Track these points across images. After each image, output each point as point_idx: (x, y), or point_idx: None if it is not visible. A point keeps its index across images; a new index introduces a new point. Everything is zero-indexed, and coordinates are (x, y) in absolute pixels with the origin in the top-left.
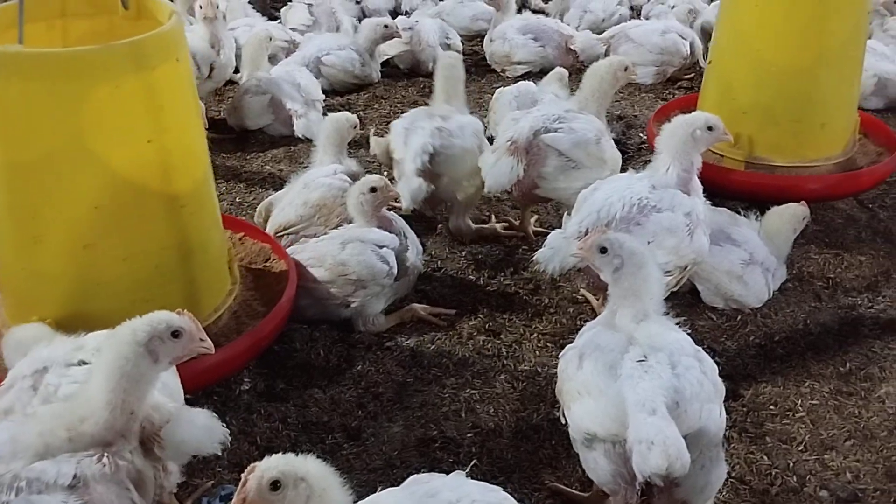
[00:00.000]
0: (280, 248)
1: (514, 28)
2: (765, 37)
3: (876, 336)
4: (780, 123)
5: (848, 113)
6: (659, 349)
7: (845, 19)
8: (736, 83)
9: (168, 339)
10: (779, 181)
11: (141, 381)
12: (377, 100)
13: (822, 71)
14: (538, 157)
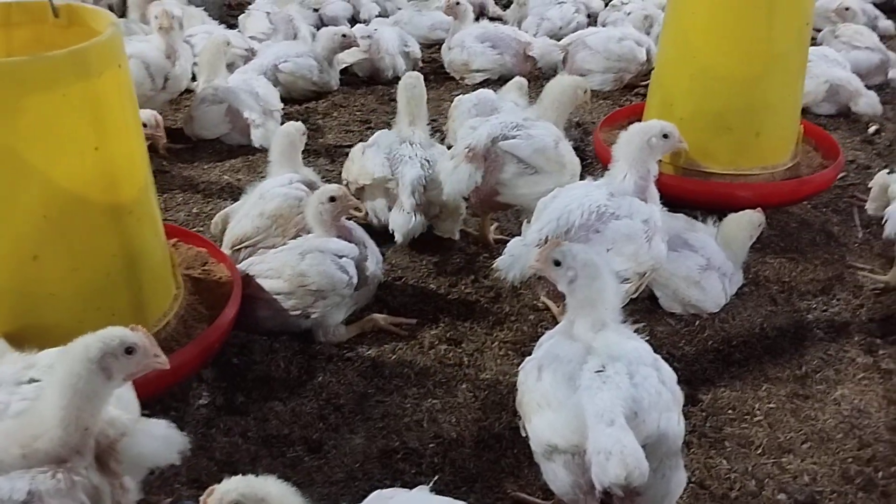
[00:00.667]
0: (217, 250)
1: (473, 36)
2: (706, 45)
3: (831, 339)
4: (715, 131)
5: (786, 123)
6: (617, 359)
7: (786, 30)
8: (675, 90)
9: (121, 356)
10: (711, 188)
11: (94, 397)
12: (336, 108)
13: (758, 81)
14: (496, 163)
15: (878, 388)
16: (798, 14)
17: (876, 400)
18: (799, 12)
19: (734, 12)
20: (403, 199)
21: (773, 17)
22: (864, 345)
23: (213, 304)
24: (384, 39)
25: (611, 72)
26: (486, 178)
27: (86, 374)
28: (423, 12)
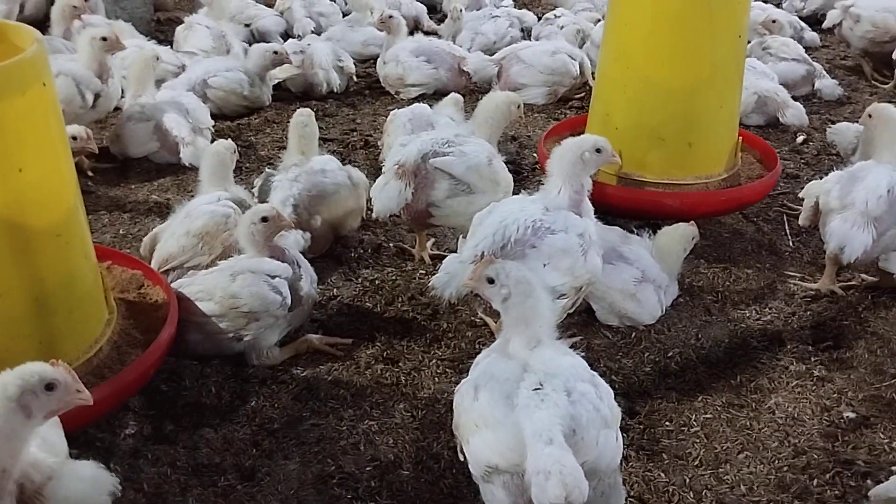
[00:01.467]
0: (153, 272)
1: (407, 50)
2: (644, 57)
3: (764, 348)
4: (650, 142)
5: (721, 134)
6: (554, 376)
7: (721, 43)
8: (614, 101)
9: (41, 393)
10: (641, 196)
11: (13, 437)
12: (269, 124)
13: (693, 93)
14: (427, 180)
15: (810, 395)
16: (733, 27)
17: (809, 407)
18: (734, 25)
19: (671, 25)
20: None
21: (709, 30)
22: (796, 353)
23: (148, 329)
24: (317, 54)
25: (545, 85)
26: (417, 195)
27: (4, 412)
28: (356, 28)
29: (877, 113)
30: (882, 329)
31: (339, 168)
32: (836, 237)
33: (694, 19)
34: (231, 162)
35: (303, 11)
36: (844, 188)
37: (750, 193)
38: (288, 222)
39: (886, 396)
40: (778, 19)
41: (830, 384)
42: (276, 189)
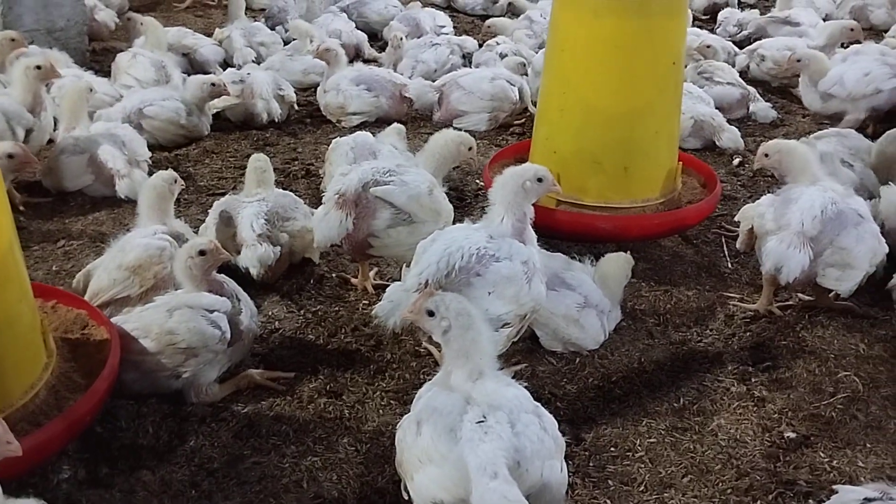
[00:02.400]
0: (98, 312)
1: (348, 79)
2: (582, 82)
3: (706, 370)
4: (588, 166)
5: (658, 159)
6: (498, 408)
7: (656, 69)
8: (555, 126)
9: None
10: (576, 219)
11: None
12: (208, 154)
13: (628, 118)
14: (368, 210)
15: (752, 416)
16: (669, 53)
17: (751, 428)
18: (670, 52)
19: (608, 51)
20: (245, 236)
21: (646, 57)
22: (737, 373)
23: (90, 371)
24: (257, 83)
25: (485, 111)
26: (358, 225)
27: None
28: (296, 57)
29: (771, 151)
30: (819, 348)
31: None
32: (772, 258)
33: (630, 46)
34: (171, 194)
35: (242, 41)
36: (779, 210)
37: (685, 217)
38: (227, 255)
39: (825, 415)
40: (712, 44)
41: (771, 404)
42: (245, 206)
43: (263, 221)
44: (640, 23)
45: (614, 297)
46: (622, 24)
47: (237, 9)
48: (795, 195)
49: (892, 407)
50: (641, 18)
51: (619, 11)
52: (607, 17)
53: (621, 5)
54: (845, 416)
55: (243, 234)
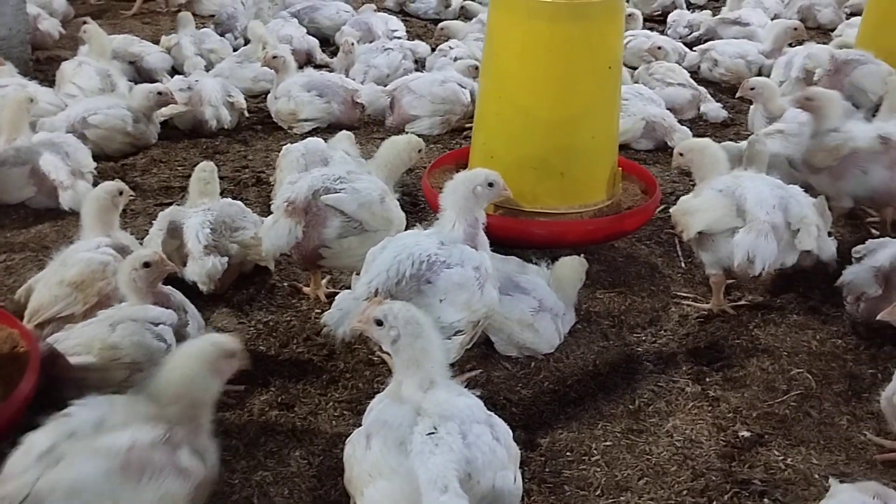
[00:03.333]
0: (27, 332)
1: (298, 85)
2: (518, 88)
3: (661, 370)
4: (526, 172)
5: (595, 164)
6: (449, 418)
7: (592, 74)
8: (493, 132)
9: None
10: (512, 225)
11: None
12: (156, 164)
13: (565, 123)
14: (318, 218)
15: (707, 416)
16: (605, 58)
17: (706, 428)
18: (605, 57)
19: (543, 57)
20: (191, 248)
21: (581, 62)
22: (691, 374)
23: (5, 396)
24: (206, 90)
25: (437, 115)
26: (308, 233)
27: None
28: (245, 64)
29: (685, 150)
30: (772, 346)
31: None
32: (741, 249)
33: (566, 50)
34: (116, 206)
35: (192, 48)
36: (728, 207)
37: (621, 223)
38: (172, 266)
39: (779, 413)
40: (663, 46)
41: (726, 404)
42: (190, 217)
43: (209, 231)
44: (577, 27)
45: (569, 299)
46: (558, 28)
47: (186, 16)
48: (740, 191)
49: (844, 403)
50: (577, 22)
51: (554, 15)
52: (543, 20)
53: (557, 9)
54: (799, 414)
55: (189, 245)
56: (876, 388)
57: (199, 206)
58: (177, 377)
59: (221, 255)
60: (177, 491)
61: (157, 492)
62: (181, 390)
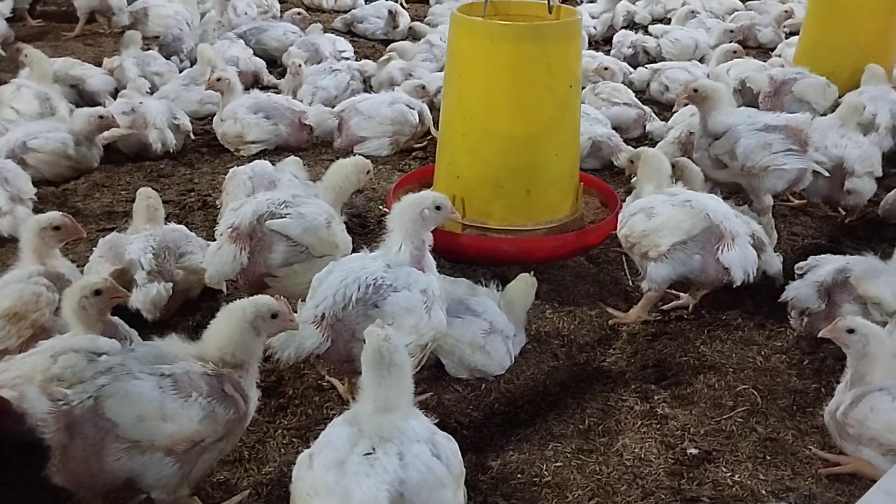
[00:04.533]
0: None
1: (245, 107)
2: (481, 107)
3: (610, 389)
4: (491, 190)
5: (559, 181)
6: (388, 439)
7: (553, 93)
8: (457, 151)
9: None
10: (481, 243)
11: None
12: (98, 188)
13: (528, 142)
14: (264, 243)
15: (655, 434)
16: (566, 77)
17: (655, 447)
18: (566, 75)
19: (506, 76)
20: (136, 276)
21: (543, 81)
22: (640, 392)
23: None
24: (151, 113)
25: (385, 136)
26: (253, 259)
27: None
28: (191, 87)
29: (635, 157)
30: (719, 362)
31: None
32: (737, 265)
33: (527, 71)
34: (47, 240)
35: (135, 70)
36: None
37: (587, 237)
38: (124, 293)
39: (726, 429)
40: (610, 66)
41: (674, 421)
42: (132, 243)
43: (152, 257)
44: (539, 48)
45: (519, 321)
46: (521, 50)
47: (132, 36)
48: (698, 205)
49: (789, 418)
50: (539, 43)
51: (517, 37)
52: (505, 42)
53: (519, 31)
54: (745, 430)
55: (132, 272)
56: (820, 402)
57: (143, 232)
58: (220, 333)
59: (166, 281)
60: (219, 414)
61: (202, 411)
62: (223, 345)
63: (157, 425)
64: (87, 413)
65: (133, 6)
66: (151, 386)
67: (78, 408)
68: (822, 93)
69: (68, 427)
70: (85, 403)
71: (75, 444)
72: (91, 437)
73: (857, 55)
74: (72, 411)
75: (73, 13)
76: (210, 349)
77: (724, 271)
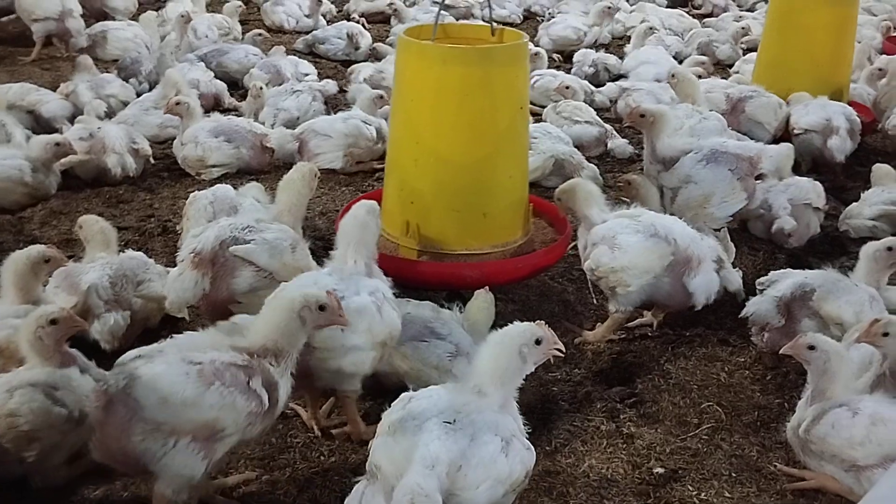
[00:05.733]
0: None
1: (206, 130)
2: (429, 130)
3: (576, 409)
4: (445, 213)
5: (512, 202)
6: (472, 420)
7: (503, 115)
8: (406, 172)
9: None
10: (441, 269)
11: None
12: (56, 215)
13: (481, 164)
14: (227, 269)
15: (622, 453)
16: (515, 99)
17: (622, 466)
18: (515, 97)
19: (454, 99)
20: (91, 305)
21: (491, 104)
22: (606, 411)
23: None
24: (109, 137)
25: (339, 149)
26: (216, 284)
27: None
28: (151, 111)
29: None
30: (683, 380)
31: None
32: (700, 293)
33: (475, 94)
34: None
35: (89, 94)
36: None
37: (547, 257)
38: (82, 323)
39: (692, 447)
40: (571, 85)
41: (640, 440)
42: (88, 272)
43: (108, 286)
44: (486, 71)
45: (483, 340)
46: (468, 73)
47: (84, 61)
48: (663, 231)
49: (753, 434)
50: (486, 66)
51: (463, 60)
52: (453, 65)
53: (465, 54)
54: (710, 447)
55: (89, 302)
56: (783, 417)
57: (98, 260)
58: (266, 321)
59: (124, 310)
60: (239, 406)
61: (222, 400)
62: (269, 332)
63: (179, 409)
64: (120, 393)
65: (91, 29)
66: (178, 372)
67: (113, 388)
68: (773, 113)
69: (106, 406)
70: (119, 384)
71: (109, 422)
72: (122, 417)
73: (814, 72)
74: (108, 391)
75: (29, 37)
76: (255, 336)
77: (689, 296)
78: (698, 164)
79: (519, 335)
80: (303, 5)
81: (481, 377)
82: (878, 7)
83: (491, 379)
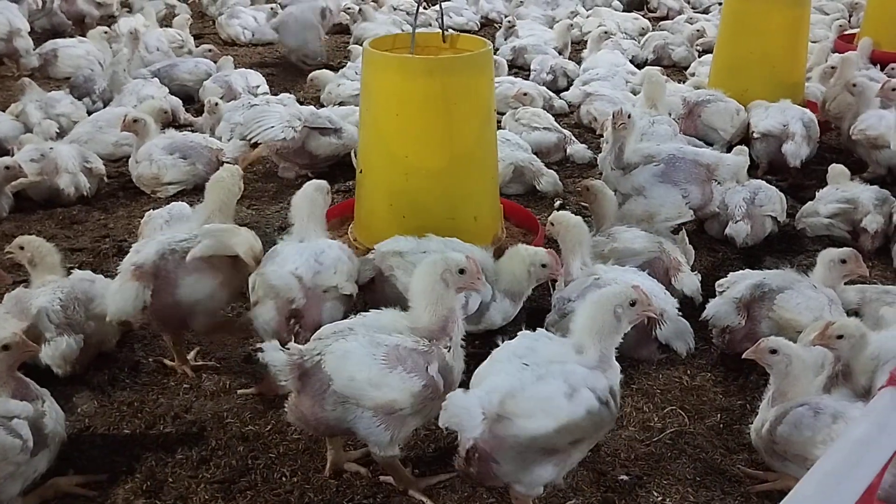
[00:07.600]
0: None
1: (160, 148)
2: (397, 138)
3: None
4: (415, 219)
5: (482, 208)
6: (547, 366)
7: (472, 123)
8: (376, 179)
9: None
10: None
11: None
12: (7, 239)
13: (447, 171)
14: (169, 280)
15: (587, 461)
16: (482, 107)
17: (587, 475)
18: (482, 105)
19: (420, 108)
20: (43, 329)
21: (458, 112)
22: None
23: None
24: (61, 157)
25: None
26: (159, 296)
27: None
28: (105, 129)
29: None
30: (646, 384)
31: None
32: (673, 337)
33: (440, 103)
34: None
35: (39, 114)
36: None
37: None
38: (35, 348)
39: (656, 452)
40: (529, 92)
41: (605, 447)
42: (38, 296)
43: (59, 309)
44: (451, 79)
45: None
46: (437, 82)
47: (28, 83)
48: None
49: (716, 436)
50: (451, 75)
51: (428, 70)
52: (419, 76)
53: (429, 64)
54: (674, 451)
55: (41, 326)
56: (746, 418)
57: (48, 284)
58: (417, 294)
59: (76, 333)
60: (417, 390)
61: (403, 383)
62: (425, 304)
63: (364, 388)
64: (315, 367)
65: (42, 48)
66: (365, 353)
67: (308, 362)
68: (730, 119)
69: (301, 377)
70: (314, 359)
71: (305, 391)
72: (315, 388)
73: (769, 72)
74: (303, 364)
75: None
76: (416, 315)
77: (659, 347)
78: (653, 178)
79: (615, 296)
80: (259, 18)
81: (580, 334)
82: (830, 6)
83: (588, 336)
